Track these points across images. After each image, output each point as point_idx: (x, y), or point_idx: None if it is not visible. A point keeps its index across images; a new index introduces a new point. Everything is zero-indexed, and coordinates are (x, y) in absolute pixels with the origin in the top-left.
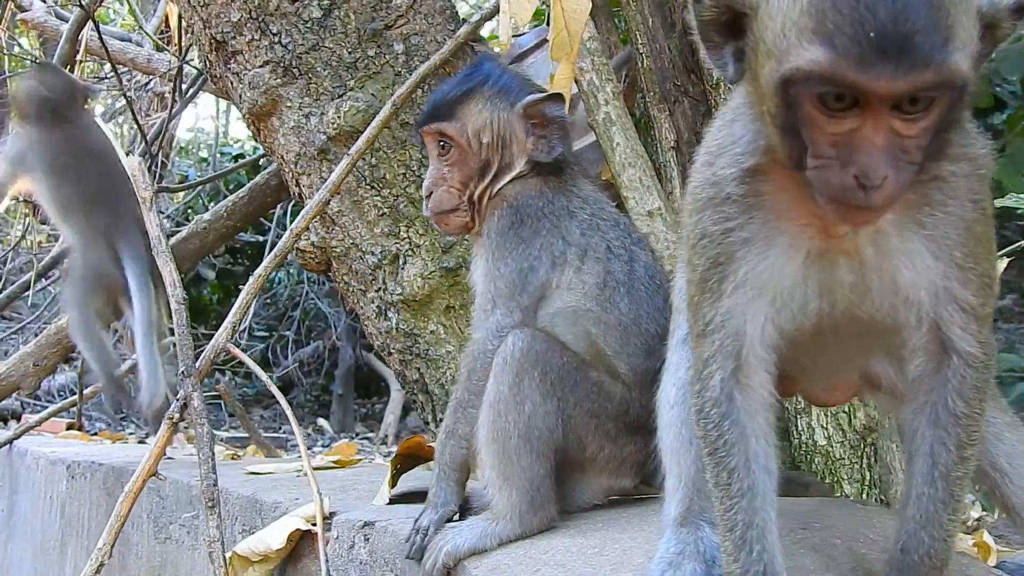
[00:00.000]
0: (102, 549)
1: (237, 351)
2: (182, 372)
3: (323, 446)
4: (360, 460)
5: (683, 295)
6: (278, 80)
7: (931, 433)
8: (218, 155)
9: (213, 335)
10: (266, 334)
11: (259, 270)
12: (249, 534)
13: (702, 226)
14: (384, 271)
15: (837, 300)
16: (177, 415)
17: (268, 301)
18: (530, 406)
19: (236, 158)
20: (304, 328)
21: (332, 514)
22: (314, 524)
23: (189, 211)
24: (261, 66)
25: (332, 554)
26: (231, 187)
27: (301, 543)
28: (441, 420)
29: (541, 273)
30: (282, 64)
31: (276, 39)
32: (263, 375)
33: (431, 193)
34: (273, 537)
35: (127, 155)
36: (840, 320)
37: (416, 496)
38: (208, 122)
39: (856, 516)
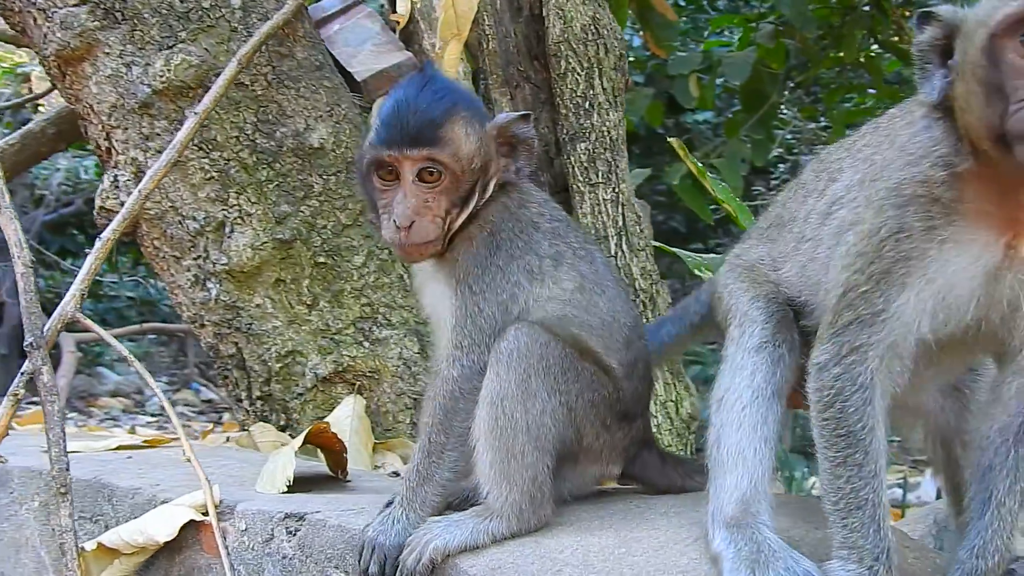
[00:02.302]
0: None
1: (87, 321)
2: (29, 344)
3: None
4: (173, 439)
5: (756, 302)
6: (97, 23)
7: (1019, 449)
8: None
9: None
10: None
11: (106, 233)
12: (93, 522)
13: (903, 221)
14: (207, 238)
15: (991, 315)
16: (22, 389)
17: None
18: (539, 403)
19: None
20: None
21: (218, 502)
22: (205, 514)
23: None
24: (77, 5)
25: (238, 547)
26: None
27: (183, 533)
28: (259, 398)
29: (522, 299)
30: (103, 6)
31: None
32: (119, 346)
33: (412, 224)
34: (159, 528)
35: None
36: (975, 334)
37: (311, 482)
38: None
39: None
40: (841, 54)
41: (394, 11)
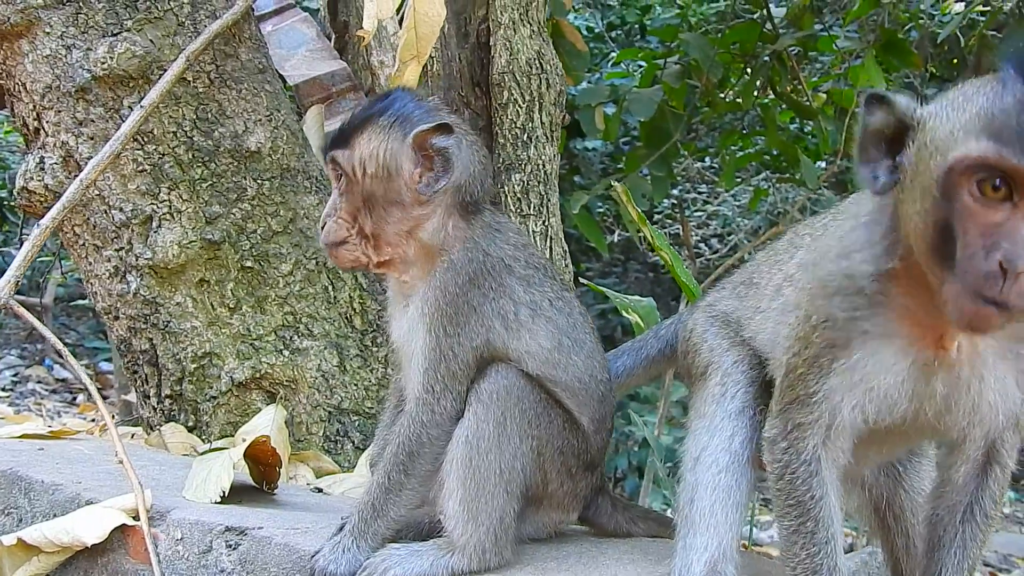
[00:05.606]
0: None
1: (22, 309)
2: None
3: None
4: (79, 431)
5: (740, 365)
6: (41, 1)
7: (965, 528)
8: None
9: None
10: None
11: (45, 220)
12: (5, 514)
13: (829, 311)
14: (132, 231)
15: (924, 409)
16: None
17: None
18: (512, 446)
19: None
20: None
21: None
22: (135, 518)
23: None
24: None
25: (171, 555)
26: None
27: (108, 536)
28: (168, 396)
29: (497, 344)
30: None
31: None
32: (54, 338)
33: (325, 223)
34: (87, 529)
35: None
36: (913, 424)
37: (236, 493)
38: None
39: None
40: (739, 100)
41: (333, 20)
